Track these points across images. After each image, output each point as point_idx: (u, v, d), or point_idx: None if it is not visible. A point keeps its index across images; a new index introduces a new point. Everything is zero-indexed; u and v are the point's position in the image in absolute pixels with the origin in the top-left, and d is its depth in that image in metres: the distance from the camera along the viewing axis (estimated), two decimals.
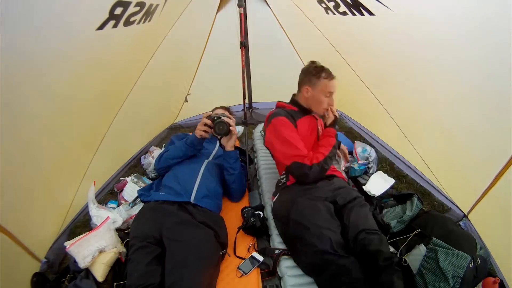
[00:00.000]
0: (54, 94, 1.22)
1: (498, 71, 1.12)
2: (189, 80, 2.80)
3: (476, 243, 1.39)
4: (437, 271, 1.26)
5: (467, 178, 1.59)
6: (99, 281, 1.33)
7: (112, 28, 1.23)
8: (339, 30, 2.05)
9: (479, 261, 1.30)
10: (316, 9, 1.96)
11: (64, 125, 1.40)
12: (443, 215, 1.65)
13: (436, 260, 1.28)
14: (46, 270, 1.44)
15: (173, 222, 1.38)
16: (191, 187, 1.59)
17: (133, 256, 1.28)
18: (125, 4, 1.19)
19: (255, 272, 1.39)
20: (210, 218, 1.48)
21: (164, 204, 1.49)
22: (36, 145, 1.26)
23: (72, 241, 1.39)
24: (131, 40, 1.55)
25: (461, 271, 1.22)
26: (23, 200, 1.30)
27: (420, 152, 1.91)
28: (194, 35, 2.48)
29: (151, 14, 1.51)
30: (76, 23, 1.09)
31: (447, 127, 1.57)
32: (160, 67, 2.21)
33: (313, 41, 2.45)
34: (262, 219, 1.61)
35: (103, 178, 2.02)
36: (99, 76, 1.48)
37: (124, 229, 1.65)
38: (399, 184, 2.06)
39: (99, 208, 1.67)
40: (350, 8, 1.61)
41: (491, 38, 1.09)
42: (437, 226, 1.49)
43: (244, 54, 1.90)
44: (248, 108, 3.05)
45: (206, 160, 1.80)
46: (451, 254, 1.28)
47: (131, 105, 2.02)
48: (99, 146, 1.85)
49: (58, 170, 1.50)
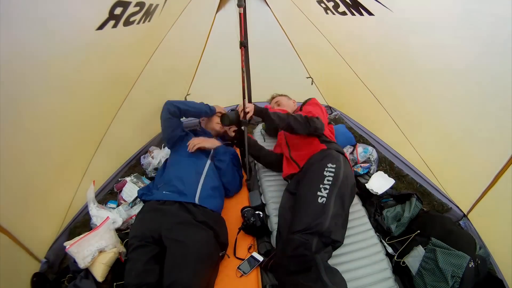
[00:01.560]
0: (54, 95, 1.22)
1: (498, 71, 1.12)
2: (189, 80, 2.80)
3: (476, 243, 1.39)
4: (436, 271, 1.27)
5: (467, 177, 1.59)
6: (99, 281, 1.33)
7: (112, 28, 1.23)
8: (338, 30, 2.04)
9: (479, 261, 1.30)
10: (315, 9, 1.96)
11: (64, 125, 1.40)
12: (442, 215, 1.65)
13: (435, 261, 1.29)
14: (46, 270, 1.44)
15: (173, 222, 1.38)
16: (196, 187, 1.60)
17: (131, 255, 1.29)
18: (125, 4, 1.19)
19: (255, 272, 1.39)
20: (210, 218, 1.48)
21: (164, 204, 1.49)
22: (35, 145, 1.26)
23: (72, 241, 1.39)
24: (131, 40, 1.55)
25: (460, 271, 1.22)
26: (23, 200, 1.30)
27: (419, 152, 1.91)
28: (194, 35, 2.48)
29: (151, 14, 1.51)
30: (76, 23, 1.08)
31: (447, 127, 1.57)
32: (159, 67, 2.21)
33: (313, 41, 2.44)
34: (262, 219, 1.61)
35: (103, 178, 2.02)
36: (98, 76, 1.48)
37: (123, 229, 1.66)
38: (399, 184, 2.06)
39: (99, 208, 1.67)
40: (349, 8, 1.61)
41: (491, 38, 1.09)
42: (436, 226, 1.49)
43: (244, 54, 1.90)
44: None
45: (209, 161, 1.80)
46: (450, 254, 1.28)
47: (131, 105, 2.01)
48: (98, 145, 1.85)
49: (58, 170, 1.50)
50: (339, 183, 1.42)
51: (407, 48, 1.53)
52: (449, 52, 1.29)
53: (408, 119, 1.93)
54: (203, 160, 1.79)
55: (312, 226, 1.26)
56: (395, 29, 1.51)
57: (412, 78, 1.65)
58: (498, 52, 1.09)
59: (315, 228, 1.25)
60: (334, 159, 1.54)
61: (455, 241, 1.36)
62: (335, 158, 1.55)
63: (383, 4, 1.38)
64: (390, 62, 1.77)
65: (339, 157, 1.57)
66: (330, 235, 1.26)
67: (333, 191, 1.39)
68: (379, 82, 2.05)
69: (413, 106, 1.80)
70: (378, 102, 2.10)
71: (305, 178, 1.53)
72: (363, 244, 1.51)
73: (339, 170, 1.47)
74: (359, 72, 2.18)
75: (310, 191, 1.41)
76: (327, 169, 1.48)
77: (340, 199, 1.38)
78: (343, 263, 1.42)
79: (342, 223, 1.36)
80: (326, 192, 1.38)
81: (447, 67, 1.35)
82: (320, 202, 1.35)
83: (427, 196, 1.91)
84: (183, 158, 1.78)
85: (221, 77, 2.80)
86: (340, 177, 1.45)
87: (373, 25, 1.59)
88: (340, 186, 1.42)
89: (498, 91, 1.16)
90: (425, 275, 1.30)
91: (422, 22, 1.32)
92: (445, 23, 1.22)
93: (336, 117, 3.05)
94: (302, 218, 1.32)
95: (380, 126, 2.39)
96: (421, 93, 1.65)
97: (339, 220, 1.33)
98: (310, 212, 1.33)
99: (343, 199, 1.40)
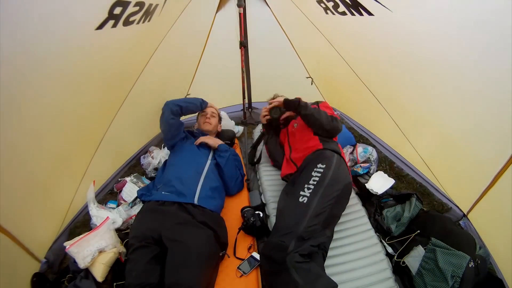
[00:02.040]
0: (53, 95, 1.22)
1: (498, 71, 1.12)
2: (189, 80, 2.80)
3: (476, 243, 1.39)
4: (436, 271, 1.27)
5: (467, 177, 1.59)
6: (99, 281, 1.33)
7: (111, 28, 1.23)
8: (338, 30, 2.04)
9: (479, 261, 1.30)
10: (315, 9, 1.96)
11: (63, 125, 1.40)
12: (442, 215, 1.65)
13: (435, 260, 1.29)
14: (46, 270, 1.44)
15: (173, 223, 1.38)
16: (195, 187, 1.60)
17: (132, 256, 1.29)
18: (125, 3, 1.18)
19: (255, 272, 1.39)
20: (210, 218, 1.48)
21: (164, 204, 1.49)
22: (35, 145, 1.26)
23: (72, 241, 1.39)
24: (130, 40, 1.55)
25: (460, 271, 1.22)
26: (23, 201, 1.30)
27: (419, 152, 1.91)
28: (194, 35, 2.48)
29: (150, 14, 1.51)
30: (75, 23, 1.08)
31: (447, 127, 1.57)
32: (159, 67, 2.21)
33: (313, 41, 2.44)
34: (262, 219, 1.61)
35: (103, 178, 2.02)
36: (98, 76, 1.48)
37: (123, 229, 1.65)
38: (399, 183, 2.06)
39: (99, 208, 1.68)
40: (349, 8, 1.61)
41: (491, 39, 1.09)
42: (436, 226, 1.49)
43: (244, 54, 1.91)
44: (248, 108, 3.05)
45: (209, 161, 1.81)
46: (450, 254, 1.28)
47: (131, 105, 2.02)
48: (98, 145, 1.85)
49: (58, 170, 1.50)
50: (326, 183, 1.41)
51: (406, 48, 1.53)
52: (449, 52, 1.29)
53: (408, 119, 1.93)
54: (203, 160, 1.80)
55: (290, 226, 1.26)
56: (394, 29, 1.50)
57: (412, 78, 1.65)
58: (498, 52, 1.09)
59: (293, 228, 1.25)
60: (326, 159, 1.54)
61: (455, 241, 1.35)
62: (327, 158, 1.54)
63: (383, 5, 1.38)
64: (389, 62, 1.77)
65: (332, 157, 1.56)
66: (309, 235, 1.24)
67: (317, 190, 1.38)
68: (378, 82, 2.05)
69: (412, 106, 1.80)
70: (378, 102, 2.10)
71: (297, 178, 1.54)
72: (363, 244, 1.51)
73: (328, 171, 1.46)
74: (358, 72, 2.18)
75: (295, 192, 1.41)
76: (316, 169, 1.48)
77: (326, 198, 1.36)
78: (343, 263, 1.42)
79: (325, 223, 1.33)
80: (309, 191, 1.37)
81: (447, 67, 1.35)
82: (301, 201, 1.35)
83: (427, 196, 1.91)
84: (182, 158, 1.78)
85: (221, 77, 2.80)
86: (327, 177, 1.43)
87: (373, 25, 1.59)
88: (327, 186, 1.40)
89: (498, 91, 1.16)
90: (425, 275, 1.30)
91: (422, 22, 1.32)
92: (445, 23, 1.22)
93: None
94: (285, 219, 1.34)
95: (380, 126, 2.39)
96: (420, 93, 1.65)
97: (321, 219, 1.31)
98: (291, 213, 1.34)
99: (330, 198, 1.37)
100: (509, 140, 1.18)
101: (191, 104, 1.94)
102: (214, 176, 1.74)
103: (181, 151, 1.85)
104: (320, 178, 1.43)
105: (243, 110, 2.32)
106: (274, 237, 1.29)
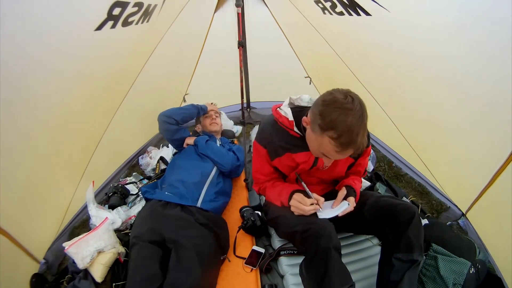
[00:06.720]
0: (52, 95, 1.22)
1: (497, 70, 1.13)
2: (187, 80, 2.80)
3: (476, 248, 1.38)
4: (438, 279, 1.25)
5: (465, 177, 1.59)
6: (98, 281, 1.33)
7: (110, 28, 1.23)
8: (336, 30, 2.05)
9: (479, 265, 1.29)
10: (313, 9, 1.97)
11: (62, 125, 1.40)
12: (441, 222, 1.64)
13: (436, 268, 1.27)
14: (45, 271, 1.43)
15: (175, 224, 1.38)
16: (199, 192, 1.61)
17: (135, 257, 1.27)
18: (123, 4, 1.19)
19: (255, 272, 1.40)
20: (212, 220, 1.49)
21: (167, 205, 1.49)
22: (34, 145, 1.26)
23: (71, 241, 1.39)
24: (129, 40, 1.55)
25: (461, 279, 1.21)
26: (22, 201, 1.29)
27: (418, 151, 1.92)
28: (192, 35, 2.48)
29: (149, 14, 1.51)
30: (74, 24, 1.08)
31: (445, 126, 1.57)
32: (158, 67, 2.21)
33: (311, 41, 2.45)
34: (262, 218, 1.61)
35: (102, 178, 2.02)
36: (97, 76, 1.48)
37: (123, 229, 1.65)
38: (398, 183, 2.06)
39: (98, 208, 1.67)
40: (346, 8, 1.62)
41: (490, 38, 1.09)
42: (435, 232, 1.48)
43: (242, 53, 1.91)
44: (246, 108, 3.05)
45: (215, 166, 1.80)
46: (451, 261, 1.27)
47: (129, 105, 2.02)
48: (97, 146, 1.85)
49: (57, 170, 1.50)
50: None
51: (404, 48, 1.54)
52: (447, 52, 1.30)
53: (406, 118, 1.94)
54: (209, 165, 1.79)
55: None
56: (392, 29, 1.51)
57: (410, 78, 1.65)
58: (497, 52, 1.09)
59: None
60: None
61: (455, 247, 1.34)
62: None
63: (380, 5, 1.38)
64: (387, 62, 1.77)
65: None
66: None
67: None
68: (376, 82, 2.06)
69: (410, 105, 1.80)
70: (375, 101, 2.11)
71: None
72: (360, 246, 1.48)
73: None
74: (356, 72, 2.19)
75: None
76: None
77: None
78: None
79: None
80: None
81: (446, 67, 1.36)
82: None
83: (426, 195, 1.92)
84: (189, 161, 1.79)
85: (219, 77, 2.80)
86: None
87: (371, 25, 1.60)
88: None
89: (497, 91, 1.17)
90: (426, 282, 1.27)
91: (419, 22, 1.33)
92: (443, 23, 1.23)
93: None
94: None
95: (378, 125, 2.39)
96: (419, 93, 1.66)
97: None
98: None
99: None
100: (508, 139, 1.18)
101: (187, 111, 1.96)
102: (220, 180, 1.75)
103: (187, 153, 1.86)
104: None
105: (242, 110, 2.33)
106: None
